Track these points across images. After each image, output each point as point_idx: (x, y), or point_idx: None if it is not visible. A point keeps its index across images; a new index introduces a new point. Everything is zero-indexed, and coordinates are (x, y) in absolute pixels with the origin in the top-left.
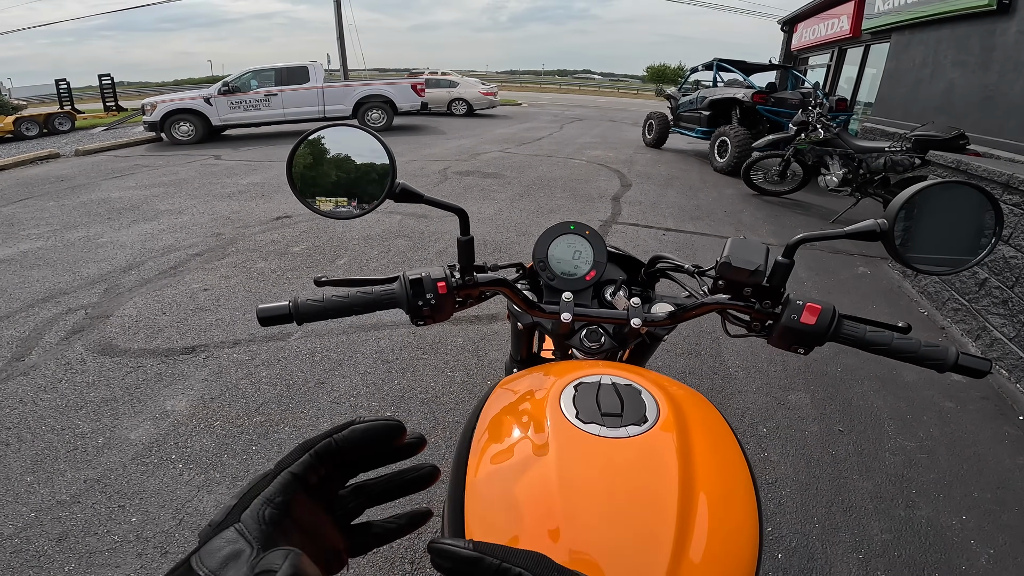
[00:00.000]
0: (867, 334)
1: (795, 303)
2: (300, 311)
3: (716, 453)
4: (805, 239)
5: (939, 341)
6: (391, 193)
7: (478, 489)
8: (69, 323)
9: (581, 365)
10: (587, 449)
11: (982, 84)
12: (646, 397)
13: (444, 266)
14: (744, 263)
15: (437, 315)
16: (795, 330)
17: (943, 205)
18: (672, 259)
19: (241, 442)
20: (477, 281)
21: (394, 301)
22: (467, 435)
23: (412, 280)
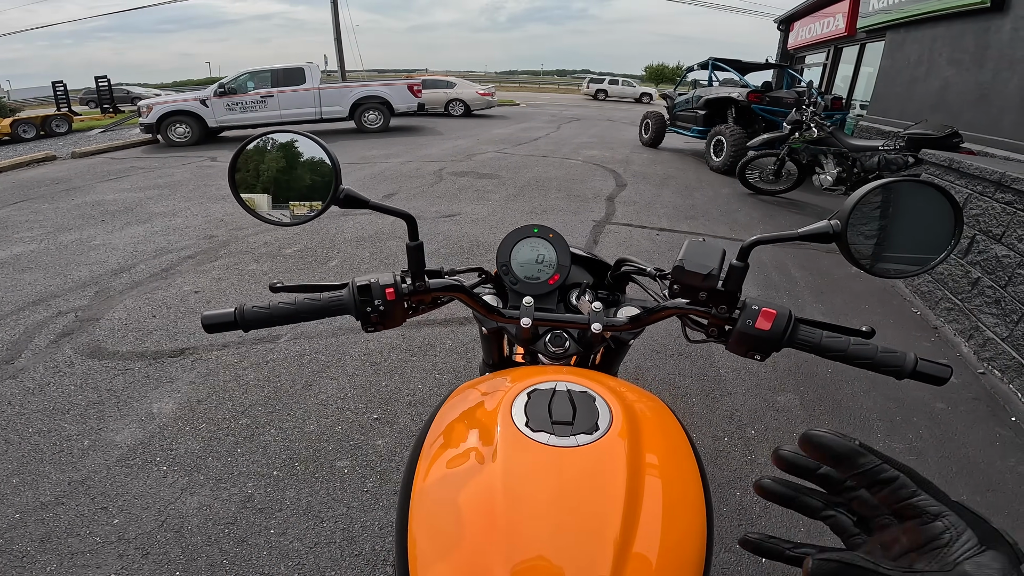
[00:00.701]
0: (823, 340)
1: (751, 308)
2: (246, 318)
3: (667, 460)
4: (759, 241)
5: (898, 348)
6: (336, 199)
7: (424, 495)
8: (59, 326)
9: (541, 371)
10: (534, 458)
11: (976, 82)
12: (600, 405)
13: (395, 272)
14: (697, 267)
15: (387, 321)
16: (750, 335)
17: (900, 204)
18: (636, 262)
19: (226, 445)
20: (429, 287)
21: (342, 308)
22: (420, 439)
23: (360, 287)
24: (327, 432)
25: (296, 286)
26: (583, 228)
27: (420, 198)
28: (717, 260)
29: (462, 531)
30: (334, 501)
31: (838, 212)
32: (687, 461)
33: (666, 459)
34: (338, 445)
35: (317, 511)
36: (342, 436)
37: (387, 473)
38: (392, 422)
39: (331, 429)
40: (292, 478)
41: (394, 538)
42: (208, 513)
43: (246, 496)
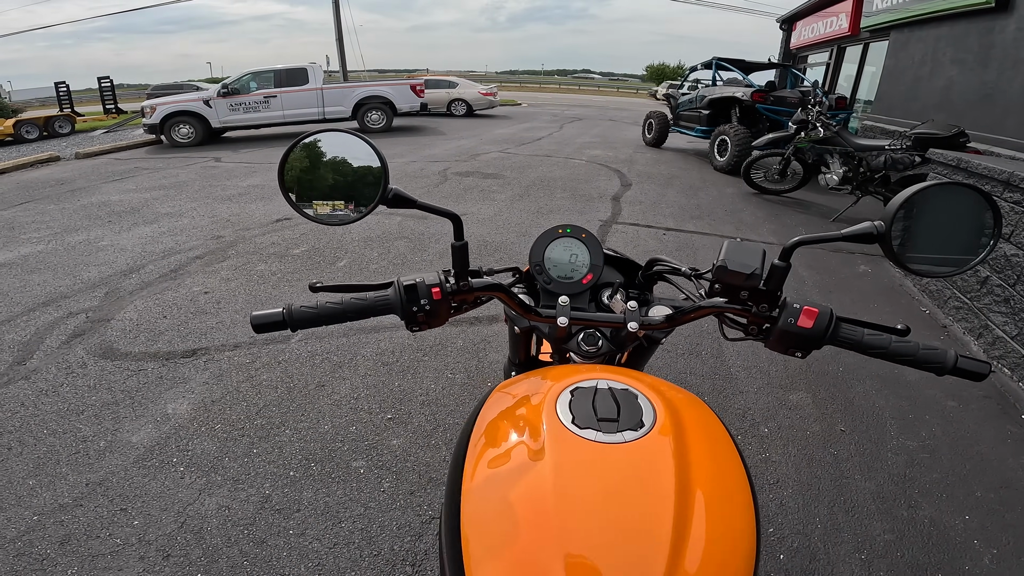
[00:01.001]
0: (865, 337)
1: (792, 306)
2: (294, 318)
3: (713, 457)
4: (801, 242)
5: (938, 344)
6: (384, 198)
7: (474, 494)
8: (70, 327)
9: (578, 369)
10: (583, 455)
11: (981, 81)
12: (643, 402)
13: (439, 271)
14: (740, 266)
15: (433, 321)
16: (792, 333)
17: (941, 206)
18: (669, 262)
19: (242, 445)
20: (472, 286)
21: (389, 307)
22: (464, 439)
23: (407, 286)
24: (342, 432)
25: (336, 286)
26: (590, 228)
27: (425, 198)
28: (759, 260)
29: (516, 529)
30: (351, 502)
31: (882, 213)
32: (731, 455)
33: (712, 455)
34: (353, 445)
35: (335, 512)
36: (357, 436)
37: (403, 473)
38: (406, 422)
39: (345, 429)
40: (309, 479)
41: (443, 538)
42: (227, 514)
43: (264, 497)
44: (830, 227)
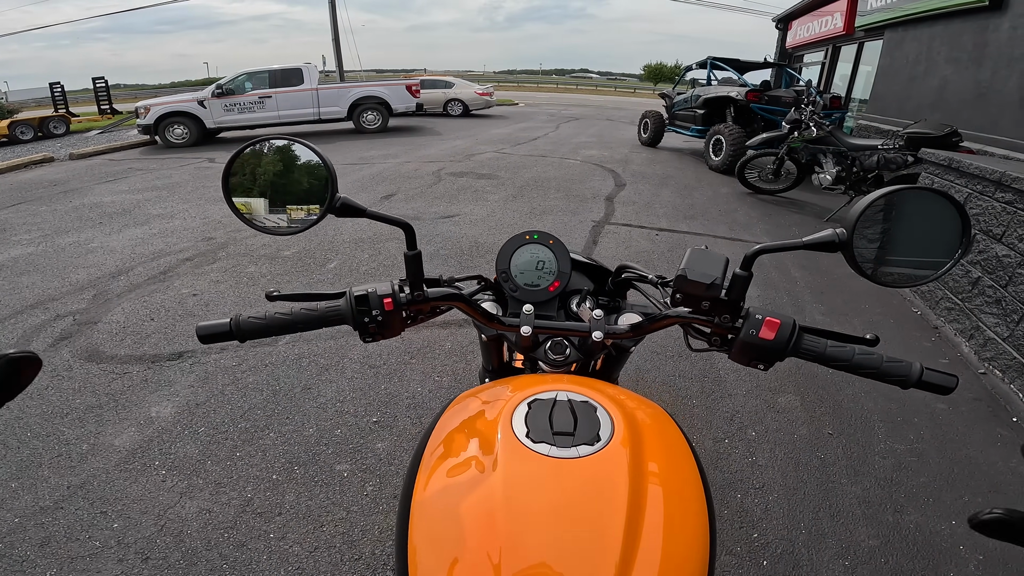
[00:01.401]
0: (828, 349)
1: (754, 317)
2: (242, 329)
3: (669, 470)
4: (763, 250)
5: (903, 357)
6: (332, 207)
7: (423, 506)
8: (57, 329)
9: (541, 380)
10: (535, 469)
11: (975, 80)
12: (601, 415)
13: (394, 281)
14: (701, 276)
15: (385, 332)
16: (754, 345)
17: (908, 213)
18: (637, 269)
19: (225, 448)
20: (427, 296)
21: (340, 318)
22: (420, 448)
23: (357, 296)
24: (326, 435)
25: (293, 295)
26: (582, 228)
27: (419, 199)
28: (720, 269)
29: (463, 542)
30: (334, 505)
31: (843, 220)
32: (688, 469)
33: (667, 468)
34: (337, 449)
35: (317, 515)
36: (341, 440)
37: (387, 477)
38: (391, 425)
39: (330, 432)
40: (291, 482)
41: (394, 547)
42: (207, 517)
43: (245, 500)
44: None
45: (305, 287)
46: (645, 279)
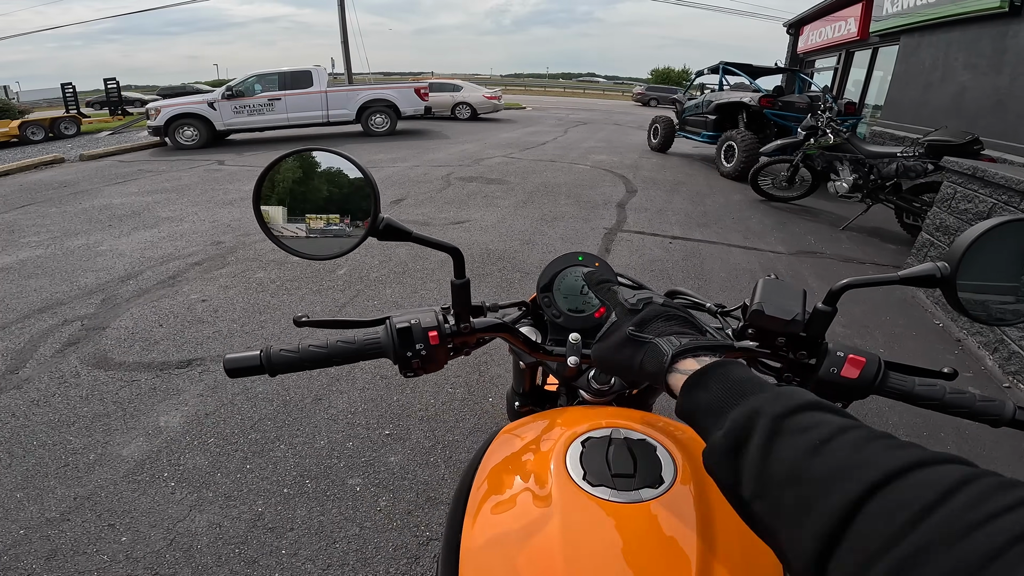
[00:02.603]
0: (916, 388)
1: (835, 354)
2: (273, 363)
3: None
4: (850, 285)
5: (995, 396)
6: (374, 230)
7: (476, 553)
8: (65, 335)
9: (589, 414)
10: (596, 516)
11: (994, 87)
12: (661, 454)
13: (437, 310)
14: (779, 311)
15: (428, 366)
16: (834, 384)
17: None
18: (691, 296)
19: (235, 460)
20: (474, 328)
21: (379, 351)
22: (464, 486)
23: (400, 329)
24: (338, 448)
25: (323, 321)
26: (594, 236)
27: (428, 204)
28: (800, 303)
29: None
30: (346, 521)
31: (946, 253)
32: None
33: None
34: (349, 462)
35: (329, 531)
36: (353, 452)
37: (400, 492)
38: (405, 438)
39: (342, 445)
40: (303, 496)
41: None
42: (218, 532)
43: (256, 514)
44: (839, 236)
45: (314, 294)
46: (702, 307)
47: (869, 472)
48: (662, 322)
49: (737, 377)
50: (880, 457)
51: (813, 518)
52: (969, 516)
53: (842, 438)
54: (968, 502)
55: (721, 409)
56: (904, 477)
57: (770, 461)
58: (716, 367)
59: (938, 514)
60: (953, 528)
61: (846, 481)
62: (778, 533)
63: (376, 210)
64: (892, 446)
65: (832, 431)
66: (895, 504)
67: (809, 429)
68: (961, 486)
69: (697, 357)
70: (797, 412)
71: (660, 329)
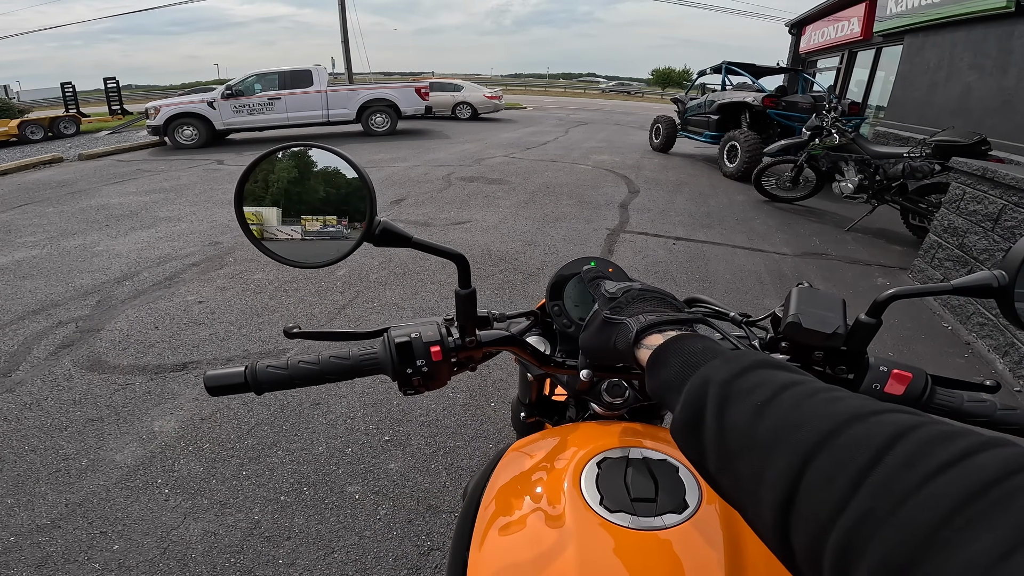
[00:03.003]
0: (965, 404)
1: (878, 369)
2: (259, 380)
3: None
4: (897, 295)
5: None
6: (369, 235)
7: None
8: (59, 337)
9: (604, 432)
10: (615, 545)
11: (1000, 87)
12: (684, 475)
13: (439, 322)
14: (819, 323)
15: (430, 383)
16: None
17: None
18: (712, 303)
19: (231, 467)
20: (480, 341)
21: (377, 367)
22: (471, 506)
23: (399, 343)
24: (336, 454)
25: (316, 333)
26: (597, 237)
27: (429, 204)
28: (840, 315)
29: None
30: (345, 529)
31: (1002, 262)
32: None
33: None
34: (348, 468)
35: (327, 540)
36: (352, 459)
37: (400, 500)
38: (405, 444)
39: (341, 451)
40: (300, 504)
41: None
42: (213, 540)
43: (252, 523)
44: (844, 237)
45: (313, 295)
46: (725, 316)
47: (808, 432)
48: (638, 303)
49: (692, 348)
50: (818, 414)
51: (765, 488)
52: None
53: (782, 397)
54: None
55: (680, 383)
56: (839, 435)
57: (724, 430)
58: (674, 341)
59: (875, 476)
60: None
61: (787, 444)
62: (745, 506)
63: (372, 213)
64: (830, 399)
65: (774, 390)
66: (832, 467)
67: (753, 391)
68: (895, 442)
69: (662, 332)
70: (743, 374)
71: (634, 310)
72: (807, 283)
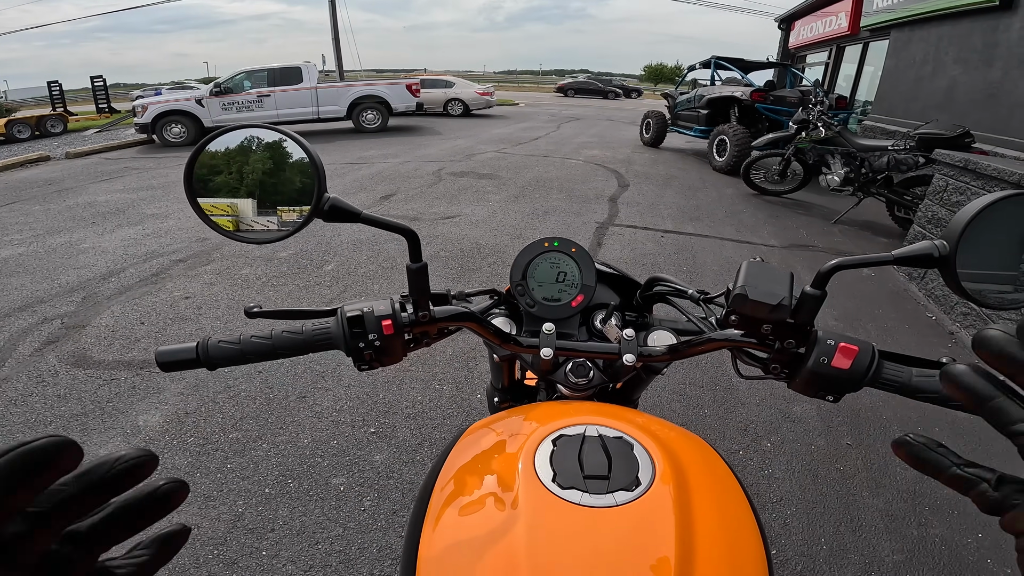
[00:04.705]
0: (913, 379)
1: (825, 342)
2: (210, 355)
3: (720, 514)
4: (841, 266)
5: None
6: (319, 211)
7: (432, 558)
8: (44, 333)
9: (564, 410)
10: (565, 521)
11: (985, 81)
12: (639, 452)
13: (394, 298)
14: (764, 295)
15: (384, 358)
16: (824, 375)
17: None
18: (672, 282)
19: (215, 460)
20: (434, 316)
21: (330, 342)
22: (427, 487)
23: (351, 317)
24: (322, 447)
25: (276, 312)
26: (586, 230)
27: (419, 199)
28: (786, 287)
29: None
30: (330, 521)
31: (944, 232)
32: (739, 507)
33: (717, 510)
34: (333, 461)
35: (312, 532)
36: (337, 451)
37: (385, 491)
38: (390, 436)
39: (326, 443)
40: (285, 496)
41: None
42: (196, 533)
43: (236, 515)
44: (831, 229)
45: (301, 290)
46: (684, 294)
47: None
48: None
49: None
50: None
51: None
52: None
53: None
54: None
55: None
56: None
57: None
58: None
59: None
60: None
61: None
62: None
63: (321, 189)
64: None
65: None
66: None
67: None
68: None
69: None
70: None
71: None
72: (760, 258)
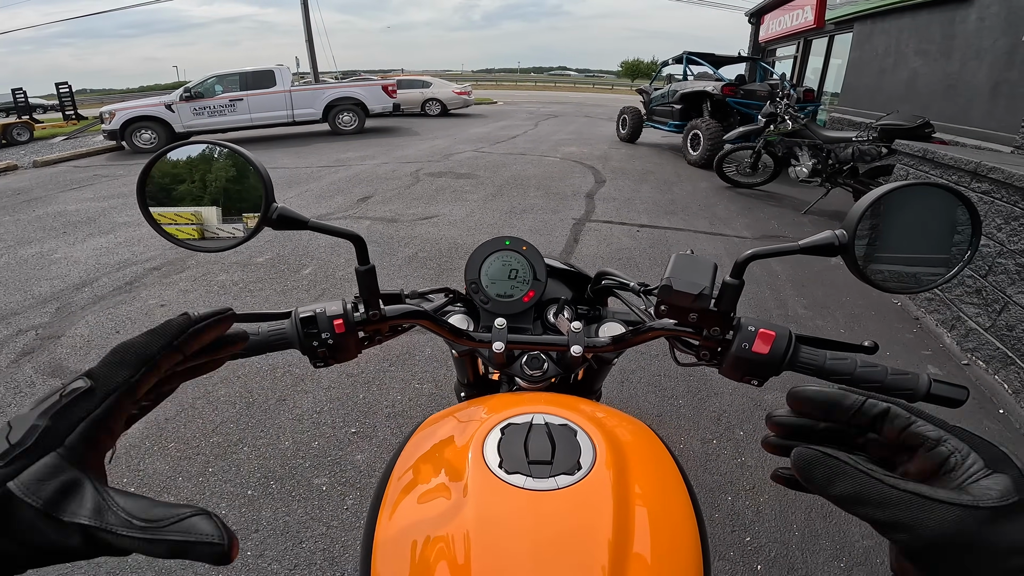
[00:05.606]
0: (827, 362)
1: (746, 329)
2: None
3: (656, 496)
4: (755, 255)
5: (909, 369)
6: (267, 220)
7: (389, 544)
8: (19, 345)
9: (517, 400)
10: (510, 504)
11: (944, 72)
12: (582, 439)
13: (345, 299)
14: (687, 285)
15: (338, 355)
16: (747, 360)
17: (911, 211)
18: (617, 276)
19: (197, 464)
20: (384, 315)
21: (285, 341)
22: (384, 478)
23: (303, 318)
24: (303, 448)
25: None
26: (563, 227)
27: (397, 200)
28: (709, 277)
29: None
30: (313, 520)
31: (844, 222)
32: (676, 489)
33: (654, 492)
34: (315, 461)
35: (295, 531)
36: (319, 452)
37: (367, 490)
38: (371, 436)
39: (307, 445)
40: (267, 497)
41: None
42: None
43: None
44: (801, 220)
45: (279, 294)
46: (626, 287)
47: None
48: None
49: None
50: None
51: None
52: None
53: None
54: None
55: None
56: None
57: None
58: None
59: None
60: None
61: None
62: None
63: (269, 199)
64: None
65: None
66: None
67: None
68: None
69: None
70: None
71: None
72: (690, 250)
